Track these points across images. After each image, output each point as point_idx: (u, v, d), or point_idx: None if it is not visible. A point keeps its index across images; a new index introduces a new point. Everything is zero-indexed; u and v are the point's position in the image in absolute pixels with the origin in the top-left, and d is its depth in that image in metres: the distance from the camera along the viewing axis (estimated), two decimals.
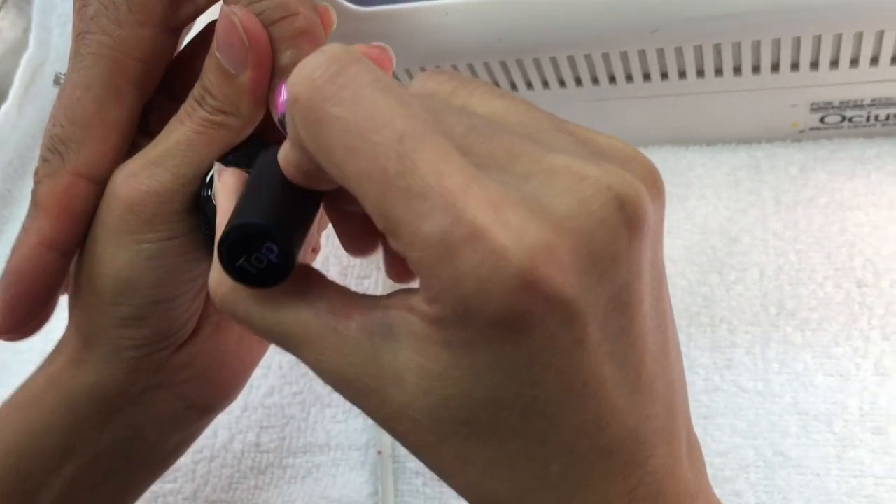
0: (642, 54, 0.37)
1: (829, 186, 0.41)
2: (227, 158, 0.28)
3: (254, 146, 0.28)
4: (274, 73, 0.27)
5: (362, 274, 0.44)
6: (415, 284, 0.21)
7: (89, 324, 0.29)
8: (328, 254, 0.45)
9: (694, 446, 0.24)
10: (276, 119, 0.28)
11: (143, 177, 0.27)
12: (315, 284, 0.23)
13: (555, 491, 0.21)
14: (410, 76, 0.39)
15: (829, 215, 0.40)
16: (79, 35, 0.29)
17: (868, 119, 0.40)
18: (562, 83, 0.39)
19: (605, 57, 0.37)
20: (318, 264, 0.44)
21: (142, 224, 0.27)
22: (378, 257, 0.28)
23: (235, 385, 0.34)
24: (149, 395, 0.30)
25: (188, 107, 0.28)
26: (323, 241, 0.41)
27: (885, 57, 0.35)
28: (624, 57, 0.37)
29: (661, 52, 0.37)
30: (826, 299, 0.39)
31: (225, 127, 0.28)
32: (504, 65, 0.38)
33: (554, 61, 0.38)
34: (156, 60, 0.29)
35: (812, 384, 0.37)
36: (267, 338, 0.24)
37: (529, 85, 0.39)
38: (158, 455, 0.32)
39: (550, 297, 0.19)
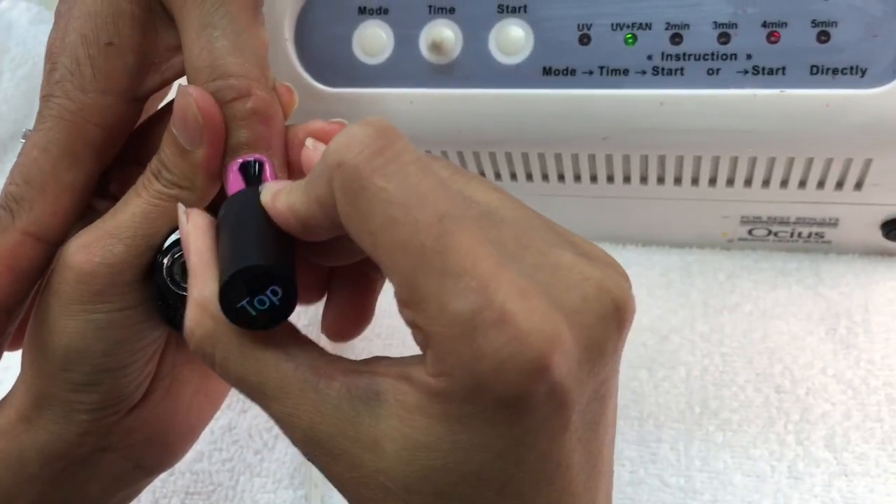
0: (592, 157, 0.39)
1: (754, 294, 0.43)
2: (176, 233, 0.28)
3: None
4: (226, 152, 0.28)
5: None
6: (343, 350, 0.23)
7: (40, 386, 0.29)
8: None
9: None
10: (228, 195, 0.28)
11: (96, 248, 0.27)
12: (298, 340, 0.24)
13: None
14: None
15: (752, 322, 0.43)
16: (44, 97, 0.29)
17: (791, 235, 0.43)
18: (513, 176, 0.41)
19: (558, 157, 0.39)
20: None
21: (93, 295, 0.27)
22: None
23: (183, 447, 0.34)
24: (97, 456, 0.30)
25: (145, 179, 0.28)
26: None
27: (812, 181, 0.38)
28: (575, 158, 0.39)
29: (609, 158, 0.39)
30: (746, 402, 0.41)
31: (179, 200, 0.28)
32: (461, 154, 0.40)
33: (509, 156, 0.39)
34: (117, 128, 0.30)
35: (731, 483, 0.39)
36: (239, 386, 0.24)
37: (482, 175, 0.41)
38: None
39: (554, 385, 0.21)
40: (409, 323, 0.21)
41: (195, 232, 0.26)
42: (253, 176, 0.27)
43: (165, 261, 0.28)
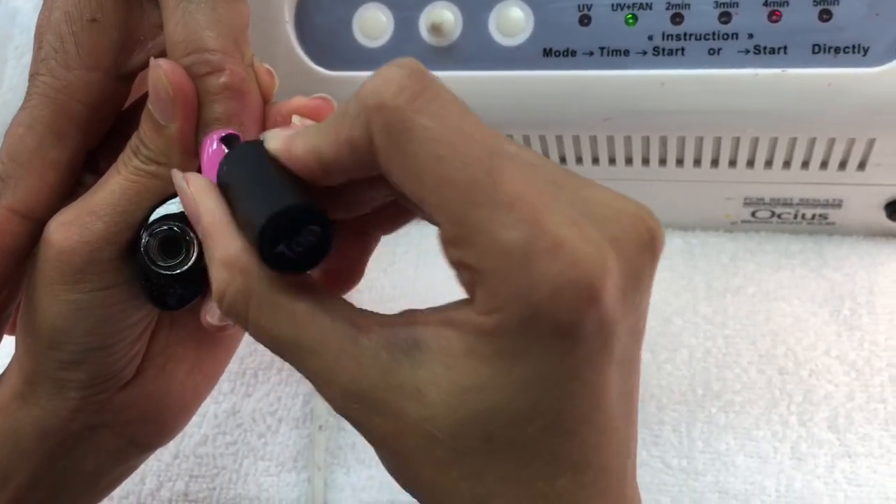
0: (593, 139, 0.39)
1: (757, 277, 0.43)
2: (161, 208, 0.28)
3: None
4: (199, 126, 0.28)
5: None
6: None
7: (30, 364, 0.29)
8: None
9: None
10: (203, 170, 0.28)
11: (75, 226, 0.27)
12: (332, 297, 0.24)
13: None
14: None
15: (755, 304, 0.43)
16: (31, 76, 0.29)
17: (795, 216, 0.43)
18: None
19: (559, 139, 0.39)
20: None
21: (74, 273, 0.27)
22: None
23: (178, 424, 0.34)
24: (91, 433, 0.30)
25: (125, 156, 0.28)
26: None
27: (815, 162, 0.38)
28: (576, 140, 0.39)
29: (611, 139, 0.39)
30: (749, 383, 0.41)
31: (157, 177, 0.28)
32: None
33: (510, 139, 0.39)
34: (103, 105, 0.30)
35: (733, 464, 0.39)
36: (273, 344, 0.24)
37: None
38: (95, 487, 0.32)
39: (605, 313, 0.21)
40: (457, 263, 0.21)
41: (201, 194, 0.25)
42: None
43: (143, 238, 0.28)
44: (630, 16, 0.35)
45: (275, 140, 0.25)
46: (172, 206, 0.28)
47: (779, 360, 0.41)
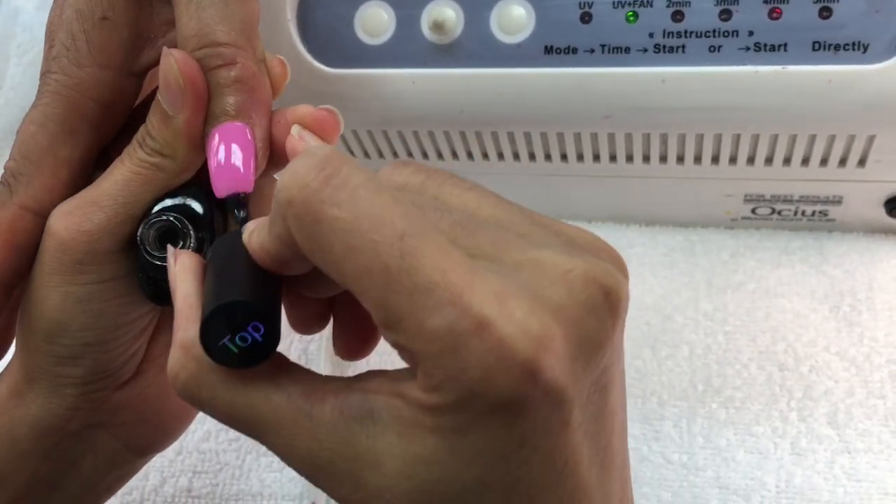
0: (594, 136, 0.39)
1: (757, 273, 0.44)
2: (163, 202, 0.28)
3: (191, 190, 0.29)
4: (208, 119, 0.28)
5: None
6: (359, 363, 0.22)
7: (29, 360, 0.29)
8: None
9: None
10: (209, 164, 0.28)
11: (77, 215, 0.28)
12: (283, 368, 0.23)
13: None
14: (373, 138, 0.41)
15: (755, 301, 0.43)
16: (42, 74, 0.29)
17: (795, 213, 0.43)
18: (516, 156, 0.41)
19: (560, 136, 0.39)
20: None
21: (73, 263, 0.28)
22: None
23: (176, 429, 0.34)
24: (88, 433, 0.30)
25: (130, 148, 0.28)
26: None
27: (815, 159, 0.38)
28: (577, 137, 0.39)
29: (611, 137, 0.39)
30: (750, 380, 0.41)
31: (161, 169, 0.28)
32: (463, 135, 0.40)
33: (511, 136, 0.40)
34: (115, 102, 0.30)
35: (733, 460, 0.39)
36: (232, 423, 0.23)
37: (485, 156, 0.41)
38: (92, 491, 0.32)
39: (548, 385, 0.20)
40: (392, 343, 0.21)
41: (182, 273, 0.25)
42: (238, 211, 0.27)
43: (141, 228, 0.28)
44: (631, 13, 0.36)
45: (245, 232, 0.24)
46: (175, 200, 0.29)
47: (779, 356, 0.41)
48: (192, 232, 0.28)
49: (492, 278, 0.20)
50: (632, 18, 0.36)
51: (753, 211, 0.44)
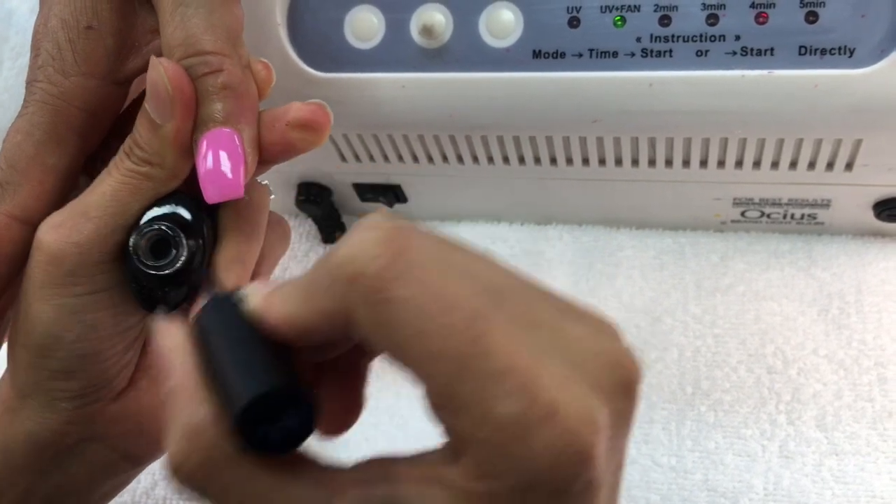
0: (583, 140, 0.39)
1: (747, 276, 0.44)
2: (151, 210, 0.28)
3: (179, 198, 0.29)
4: (196, 126, 0.28)
5: None
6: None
7: (21, 375, 0.29)
8: None
9: None
10: (198, 172, 0.28)
11: (66, 227, 0.28)
12: (299, 458, 0.22)
13: None
14: (364, 142, 0.41)
15: (745, 303, 0.43)
16: (28, 83, 0.30)
17: (784, 216, 0.43)
18: (506, 160, 0.41)
19: (549, 140, 0.39)
20: None
21: (64, 276, 0.28)
22: None
23: None
24: (83, 446, 0.30)
25: (118, 158, 0.28)
26: None
27: (803, 162, 0.38)
28: (566, 141, 0.39)
29: (600, 140, 0.39)
30: (738, 382, 0.41)
31: (150, 178, 0.28)
32: (453, 139, 0.40)
33: (501, 140, 0.40)
34: (101, 110, 0.30)
35: (722, 463, 0.39)
36: None
37: (475, 159, 0.41)
38: (88, 501, 0.32)
39: (596, 470, 0.20)
40: (448, 427, 0.20)
41: (175, 351, 0.23)
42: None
43: (132, 238, 0.28)
44: (618, 18, 0.36)
45: (255, 299, 0.23)
46: (164, 208, 0.29)
47: (768, 358, 0.41)
48: (184, 240, 0.28)
49: (554, 361, 0.20)
50: (619, 23, 0.36)
51: (743, 214, 0.44)
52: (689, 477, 0.39)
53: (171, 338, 0.24)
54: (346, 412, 0.25)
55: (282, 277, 0.46)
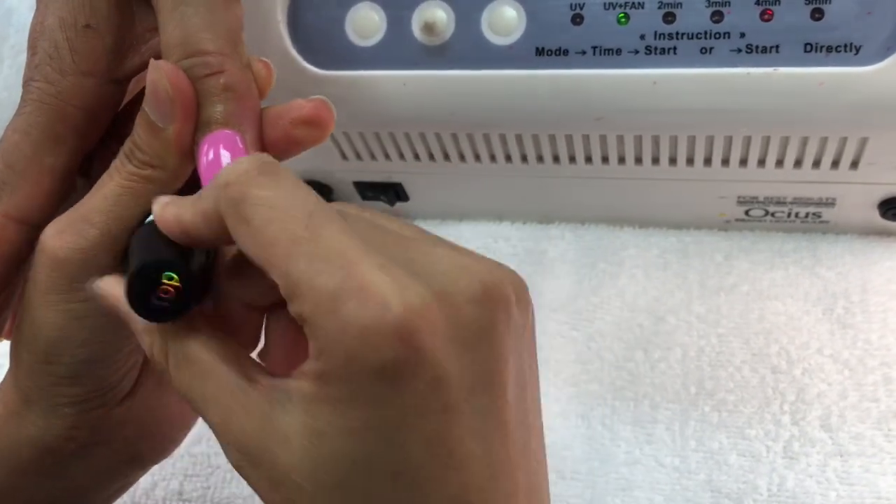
0: (586, 138, 0.39)
1: (751, 275, 0.43)
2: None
3: None
4: (198, 128, 0.28)
5: None
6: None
7: (26, 380, 0.29)
8: None
9: None
10: (200, 174, 0.28)
11: (69, 233, 0.27)
12: (230, 349, 0.25)
13: None
14: (365, 140, 0.41)
15: (749, 303, 0.43)
16: (25, 82, 0.29)
17: (789, 215, 0.43)
18: (508, 158, 0.41)
19: (552, 138, 0.39)
20: None
21: (69, 282, 0.27)
22: None
23: (175, 439, 0.33)
24: (88, 450, 0.30)
25: (118, 161, 0.28)
26: None
27: (808, 160, 0.38)
28: (569, 140, 0.39)
29: (603, 139, 0.39)
30: (742, 382, 0.41)
31: (152, 181, 0.28)
32: (455, 136, 0.40)
33: (503, 138, 0.39)
34: (99, 110, 0.30)
35: (726, 463, 0.39)
36: (188, 399, 0.25)
37: (477, 157, 0.41)
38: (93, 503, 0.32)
39: (422, 353, 0.21)
40: (295, 316, 0.22)
41: (110, 284, 0.27)
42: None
43: (132, 243, 0.28)
44: (622, 15, 0.35)
45: (155, 204, 0.26)
46: None
47: (772, 358, 0.41)
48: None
49: (381, 258, 0.22)
50: (623, 20, 0.35)
51: (747, 213, 0.43)
52: (693, 477, 0.39)
53: (105, 286, 0.27)
54: (293, 357, 0.27)
55: None
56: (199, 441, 0.42)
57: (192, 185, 0.28)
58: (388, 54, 0.37)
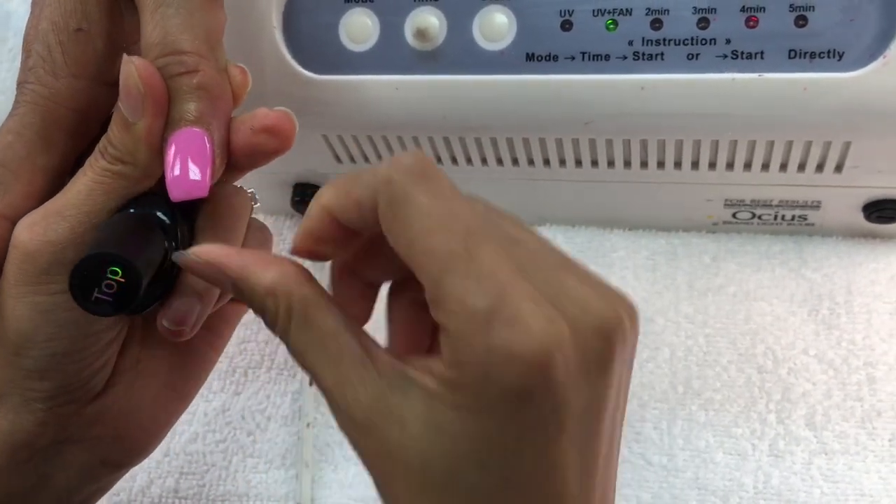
0: (575, 142, 0.40)
1: (738, 277, 0.44)
2: (128, 210, 0.29)
3: (154, 198, 0.29)
4: (167, 124, 0.28)
5: None
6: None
7: None
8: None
9: None
10: (166, 172, 0.28)
11: (40, 226, 0.28)
12: (349, 320, 0.26)
13: None
14: (358, 143, 0.41)
15: (736, 304, 0.43)
16: (19, 84, 0.30)
17: (775, 218, 0.44)
18: (499, 162, 0.41)
19: (542, 142, 0.40)
20: (250, 314, 0.45)
21: (38, 274, 0.28)
22: None
23: (149, 443, 0.33)
24: (60, 448, 0.30)
25: (92, 157, 0.29)
26: None
27: (793, 164, 0.39)
28: (559, 143, 0.40)
29: (592, 142, 0.39)
30: (729, 382, 0.41)
31: (122, 177, 0.28)
32: (447, 140, 0.40)
33: (494, 142, 0.40)
34: (91, 111, 0.30)
35: (712, 461, 0.40)
36: (300, 357, 0.26)
37: (469, 161, 0.42)
38: None
39: (553, 382, 0.23)
40: (436, 319, 0.24)
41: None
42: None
43: None
44: (610, 21, 0.36)
45: (325, 191, 0.27)
46: (139, 208, 0.29)
47: (758, 358, 0.42)
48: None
49: (529, 285, 0.24)
50: (611, 26, 0.36)
51: (734, 215, 0.44)
52: (680, 475, 0.40)
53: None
54: (406, 335, 0.29)
55: None
56: (195, 440, 0.43)
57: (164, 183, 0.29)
58: (381, 59, 0.38)
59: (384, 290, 0.30)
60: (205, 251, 0.27)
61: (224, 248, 0.27)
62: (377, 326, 0.29)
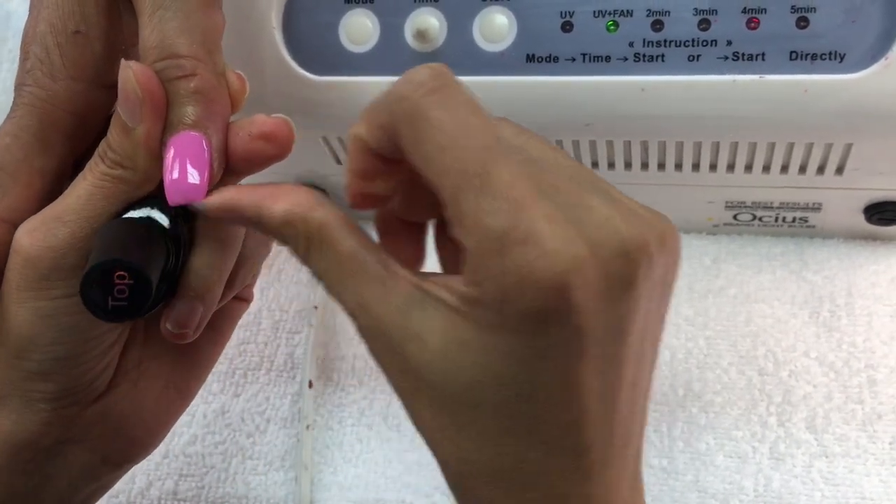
0: (576, 144, 0.39)
1: (738, 279, 0.44)
2: (127, 214, 0.28)
3: (154, 202, 0.29)
4: (165, 128, 0.28)
5: (294, 329, 0.45)
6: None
7: (0, 375, 0.29)
8: (261, 307, 0.46)
9: (638, 480, 0.27)
10: (164, 176, 0.28)
11: (41, 231, 0.28)
12: (368, 241, 0.26)
13: (526, 476, 0.24)
14: None
15: (736, 306, 0.43)
16: (17, 86, 0.30)
17: (776, 220, 0.44)
18: None
19: None
20: (250, 316, 0.45)
21: (39, 279, 0.28)
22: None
23: (151, 442, 0.34)
24: (62, 448, 0.30)
25: (92, 162, 0.29)
26: (257, 294, 0.42)
27: (794, 166, 0.39)
28: (559, 144, 0.40)
29: (593, 144, 0.39)
30: (730, 384, 0.41)
31: (122, 181, 0.28)
32: None
33: None
34: (89, 114, 0.30)
35: (713, 464, 0.40)
36: (321, 275, 0.26)
37: None
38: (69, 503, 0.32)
39: (572, 305, 0.22)
40: (454, 238, 0.24)
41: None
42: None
43: None
44: (611, 23, 0.36)
45: (356, 127, 0.27)
46: (139, 212, 0.29)
47: (759, 361, 0.42)
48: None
49: (548, 205, 0.23)
50: (612, 28, 0.36)
51: (735, 217, 0.44)
52: (680, 478, 0.40)
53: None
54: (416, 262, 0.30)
55: (276, 279, 0.46)
56: (194, 442, 0.43)
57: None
58: (381, 60, 0.38)
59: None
60: (217, 195, 0.27)
61: (236, 188, 0.28)
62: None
